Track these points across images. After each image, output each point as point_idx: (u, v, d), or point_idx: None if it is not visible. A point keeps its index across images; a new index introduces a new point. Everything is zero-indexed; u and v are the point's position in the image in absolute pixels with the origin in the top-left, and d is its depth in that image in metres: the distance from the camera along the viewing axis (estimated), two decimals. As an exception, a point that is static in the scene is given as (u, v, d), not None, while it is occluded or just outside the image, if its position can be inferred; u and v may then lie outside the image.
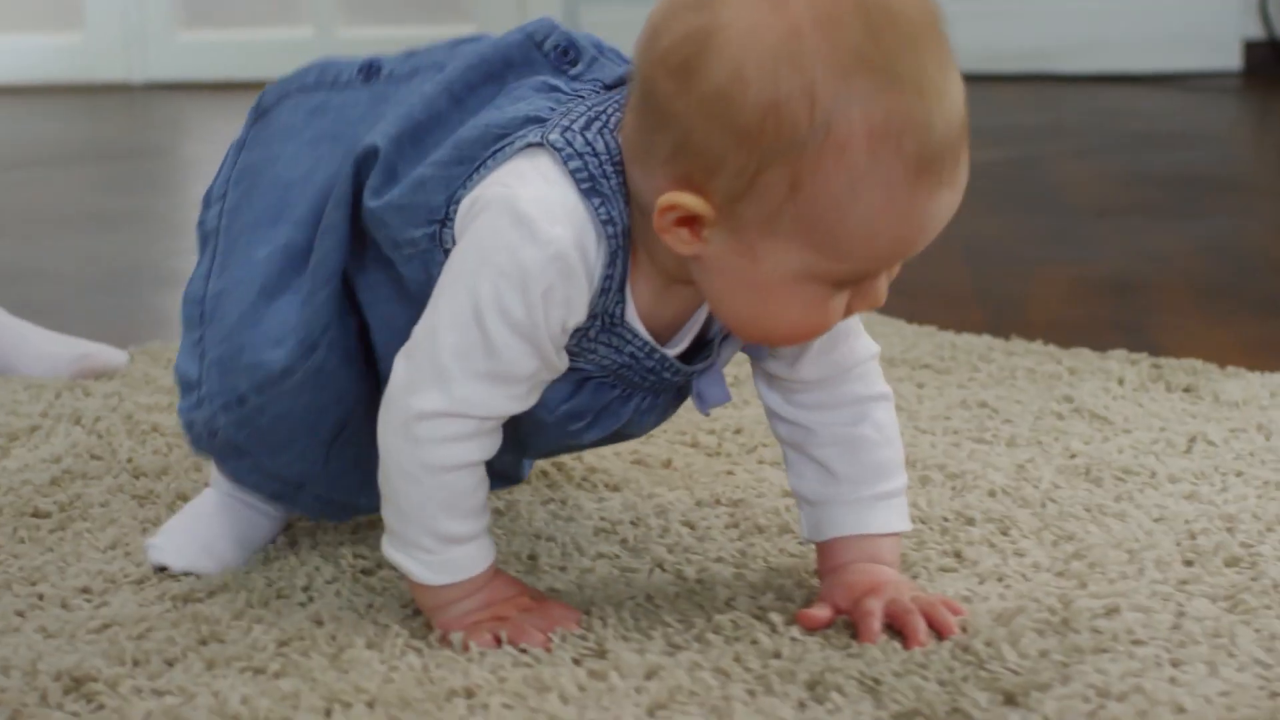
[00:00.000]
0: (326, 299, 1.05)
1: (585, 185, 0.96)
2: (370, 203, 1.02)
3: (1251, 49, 4.38)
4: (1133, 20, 4.26)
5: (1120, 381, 1.56)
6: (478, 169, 0.99)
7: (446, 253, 0.99)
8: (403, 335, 1.01)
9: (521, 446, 1.09)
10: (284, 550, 1.20)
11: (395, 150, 1.02)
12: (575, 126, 0.98)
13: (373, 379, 1.09)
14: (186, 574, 1.15)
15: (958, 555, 1.16)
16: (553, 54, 1.04)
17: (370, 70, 1.10)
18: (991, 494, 1.27)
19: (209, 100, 4.82)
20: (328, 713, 0.95)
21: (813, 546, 1.11)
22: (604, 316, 1.00)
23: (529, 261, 0.94)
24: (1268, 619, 1.04)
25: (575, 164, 0.96)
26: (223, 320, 1.07)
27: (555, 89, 1.02)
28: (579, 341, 1.01)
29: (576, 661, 1.00)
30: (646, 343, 1.01)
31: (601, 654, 1.01)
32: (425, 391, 0.97)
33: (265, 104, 1.13)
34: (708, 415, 1.09)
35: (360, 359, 1.09)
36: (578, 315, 0.98)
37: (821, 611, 1.03)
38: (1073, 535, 1.19)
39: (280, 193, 1.08)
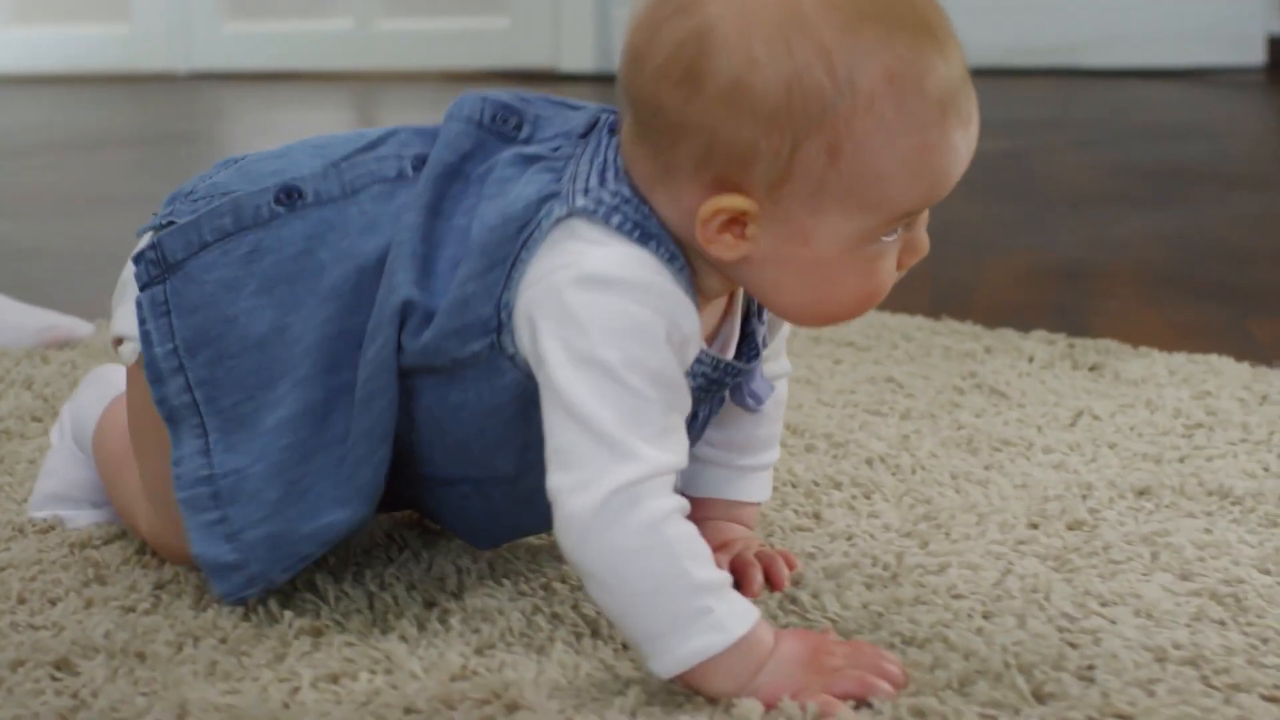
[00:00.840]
0: (384, 456, 1.01)
1: (636, 234, 0.95)
2: (414, 345, 0.99)
3: (1275, 44, 4.39)
4: (1157, 16, 4.28)
5: (1030, 359, 1.61)
6: (514, 265, 0.96)
7: (510, 358, 0.98)
8: (463, 444, 1.02)
9: None
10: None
11: (422, 293, 0.99)
12: (593, 184, 0.97)
13: None
14: (67, 523, 1.23)
15: (816, 516, 1.21)
16: (496, 128, 1.02)
17: (290, 195, 1.04)
18: (868, 462, 1.33)
19: (251, 89, 4.93)
20: (180, 647, 1.02)
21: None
22: None
23: (638, 313, 0.93)
24: (1089, 577, 1.09)
25: (616, 219, 0.95)
26: (256, 498, 1.02)
27: (536, 158, 1.00)
28: None
29: (428, 604, 1.07)
30: (716, 359, 1.02)
31: (457, 596, 1.08)
32: (608, 472, 0.91)
33: (174, 257, 1.05)
34: (759, 411, 1.10)
35: None
36: (695, 348, 0.98)
37: None
38: (930, 500, 1.24)
39: (258, 354, 1.03)
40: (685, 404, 0.96)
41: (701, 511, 1.12)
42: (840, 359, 1.64)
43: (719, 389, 1.04)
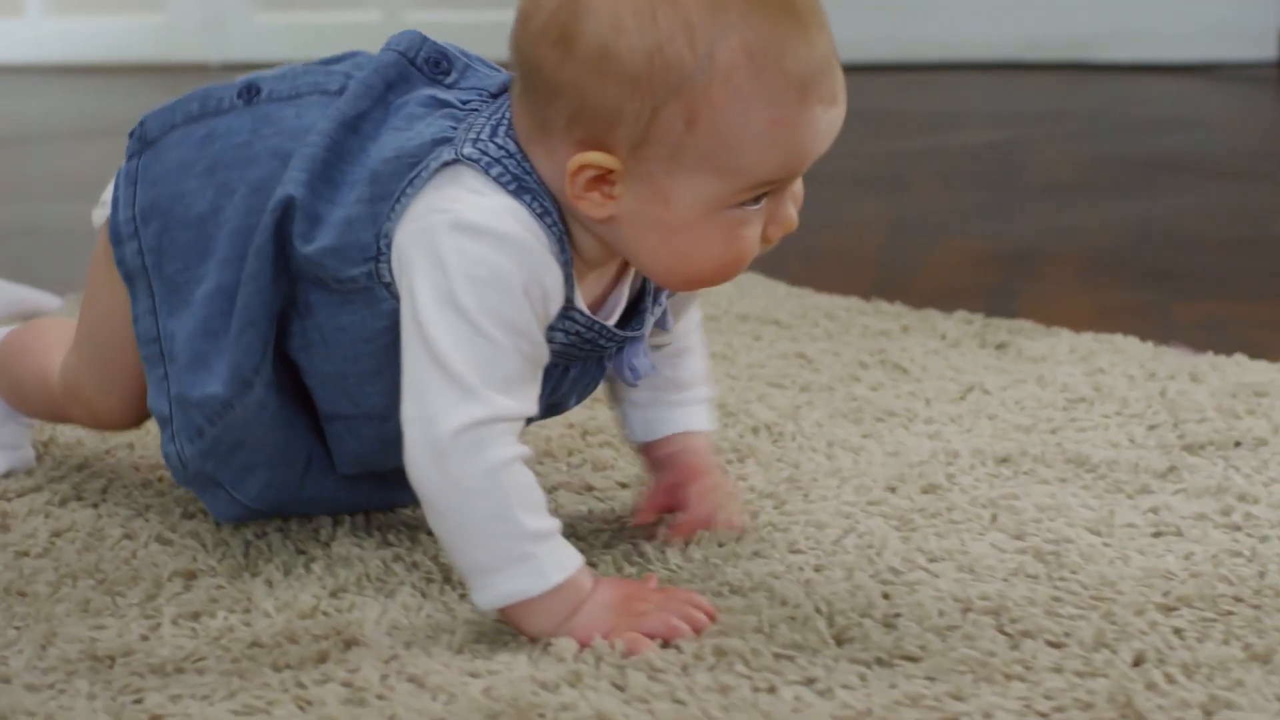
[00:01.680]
0: (252, 340, 1.07)
1: (512, 186, 1.00)
2: (303, 249, 1.05)
3: (1289, 40, 4.40)
4: (1169, 11, 4.29)
5: (942, 337, 1.66)
6: (399, 199, 1.02)
7: (386, 286, 1.03)
8: (342, 374, 1.08)
9: None
10: (100, 457, 1.34)
11: (311, 195, 1.05)
12: (483, 136, 1.02)
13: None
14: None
15: (689, 478, 1.27)
16: (426, 67, 1.08)
17: (250, 91, 1.11)
18: (754, 430, 1.39)
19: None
20: (58, 586, 1.09)
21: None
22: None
23: (502, 265, 0.98)
24: (925, 536, 1.15)
25: (496, 170, 1.01)
26: (179, 358, 1.10)
27: (445, 104, 1.06)
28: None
29: (299, 552, 1.14)
30: (594, 320, 1.06)
31: (326, 545, 1.15)
32: (454, 409, 0.97)
33: (150, 135, 1.14)
34: (635, 385, 1.15)
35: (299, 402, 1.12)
36: (557, 303, 1.02)
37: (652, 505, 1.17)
38: (799, 464, 1.30)
39: (196, 230, 1.10)
40: (540, 356, 1.02)
41: (661, 449, 1.19)
42: (760, 335, 1.70)
43: (593, 350, 1.09)
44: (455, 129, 1.03)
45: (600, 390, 1.18)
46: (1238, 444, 1.32)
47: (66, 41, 5.48)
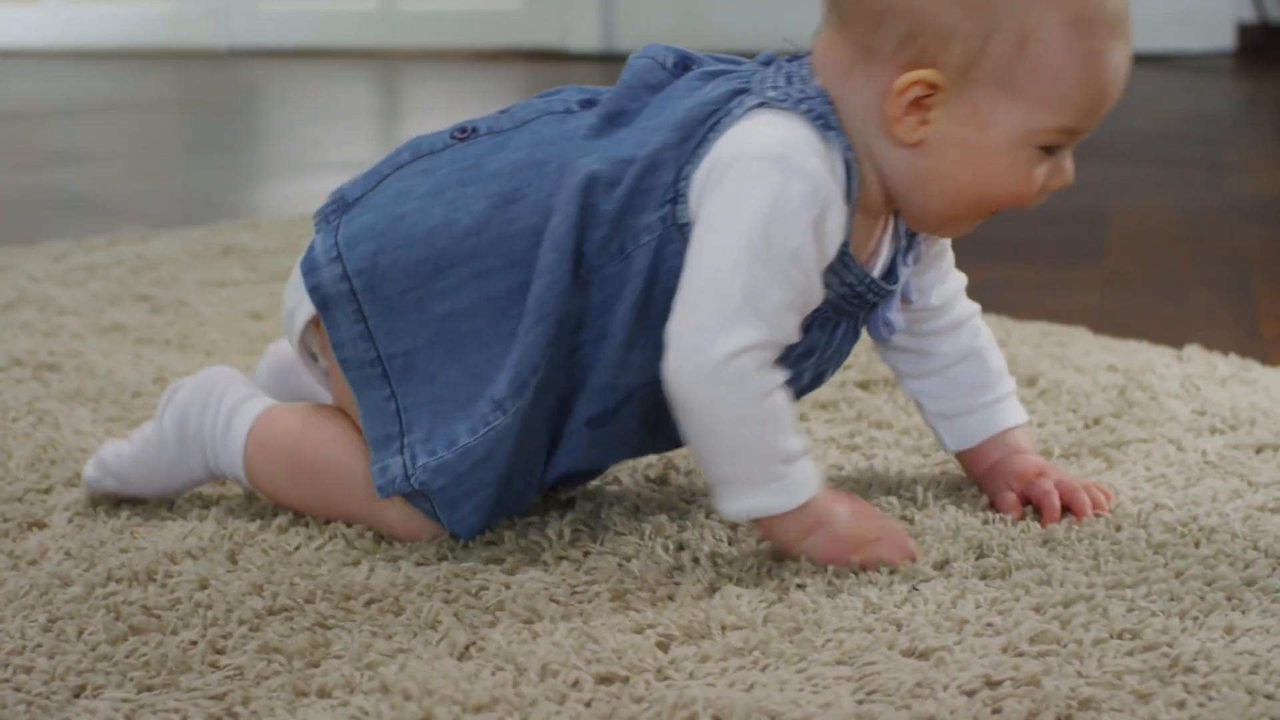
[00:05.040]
0: (538, 338, 1.03)
1: (819, 123, 1.02)
2: (606, 207, 1.03)
3: (1245, 31, 4.61)
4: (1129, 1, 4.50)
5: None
6: (700, 144, 1.02)
7: (679, 228, 1.02)
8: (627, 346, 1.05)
9: None
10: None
11: (607, 164, 1.04)
12: (780, 84, 1.03)
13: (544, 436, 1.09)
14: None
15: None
16: (675, 70, 1.09)
17: (465, 132, 1.09)
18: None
19: (284, 64, 5.24)
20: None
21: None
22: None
23: (795, 195, 0.99)
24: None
25: (804, 106, 1.02)
26: (430, 377, 1.05)
27: (720, 73, 1.06)
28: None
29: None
30: (864, 273, 1.06)
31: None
32: (730, 331, 0.98)
33: (351, 196, 1.10)
34: (889, 341, 1.15)
35: (547, 411, 1.07)
36: (835, 243, 1.03)
37: (1011, 499, 1.14)
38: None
39: (424, 246, 1.05)
40: (811, 296, 1.03)
41: (989, 456, 1.18)
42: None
43: (860, 306, 1.09)
44: (746, 84, 1.05)
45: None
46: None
47: (82, 28, 5.73)
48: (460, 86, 4.65)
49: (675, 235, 1.02)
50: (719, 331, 0.99)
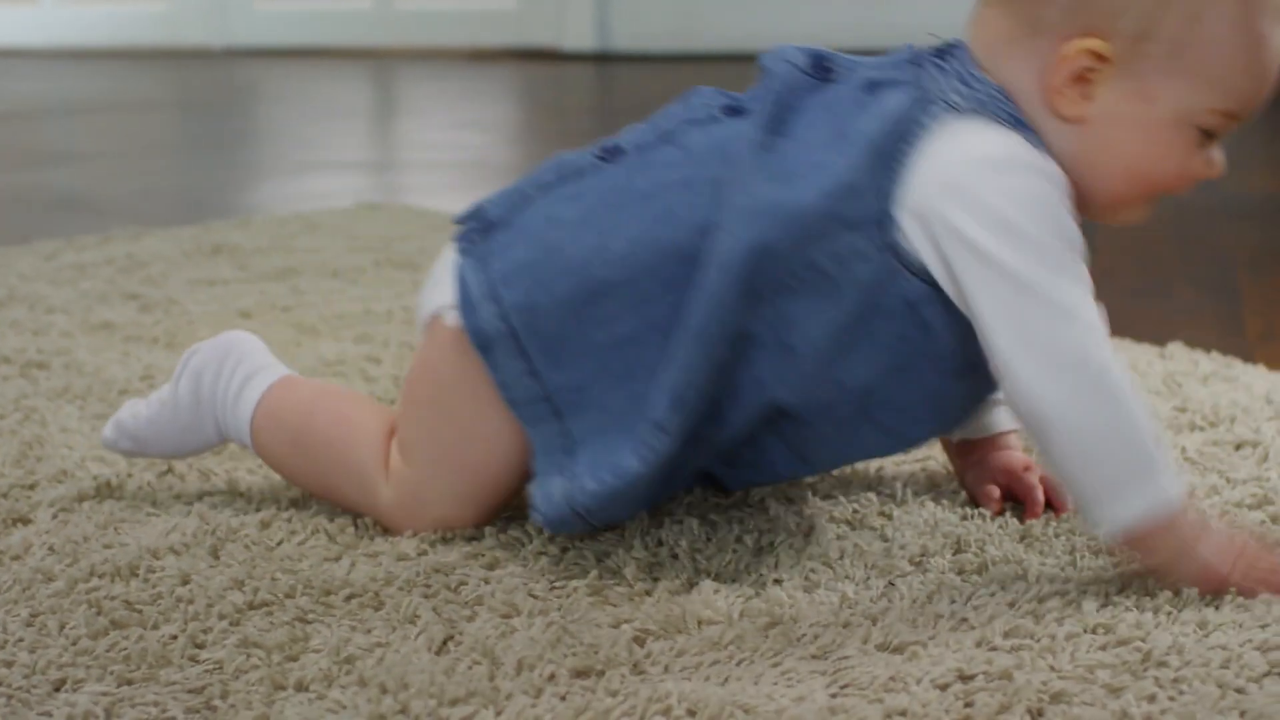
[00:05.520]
0: (699, 359, 0.99)
1: (1010, 123, 1.00)
2: (789, 229, 0.99)
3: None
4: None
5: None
6: (903, 164, 0.98)
7: (893, 251, 0.99)
8: (828, 361, 1.01)
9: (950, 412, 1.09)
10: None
11: (785, 188, 1.00)
12: (959, 88, 1.00)
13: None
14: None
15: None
16: (815, 72, 1.05)
17: (610, 151, 1.07)
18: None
19: (280, 64, 5.25)
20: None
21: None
22: None
23: (1045, 189, 0.98)
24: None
25: (993, 109, 1.00)
26: (601, 407, 1.03)
27: (880, 83, 1.02)
28: None
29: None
30: None
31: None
32: (1081, 340, 0.96)
33: (493, 216, 1.07)
34: None
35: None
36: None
37: (995, 493, 1.15)
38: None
39: (580, 275, 1.03)
40: (1087, 276, 1.00)
41: (981, 449, 1.18)
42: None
43: None
44: (923, 91, 1.01)
45: None
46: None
47: (78, 27, 5.75)
48: (455, 86, 4.67)
49: (891, 259, 0.99)
50: (1073, 341, 0.96)
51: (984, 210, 0.96)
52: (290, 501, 1.17)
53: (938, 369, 1.02)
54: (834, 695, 0.87)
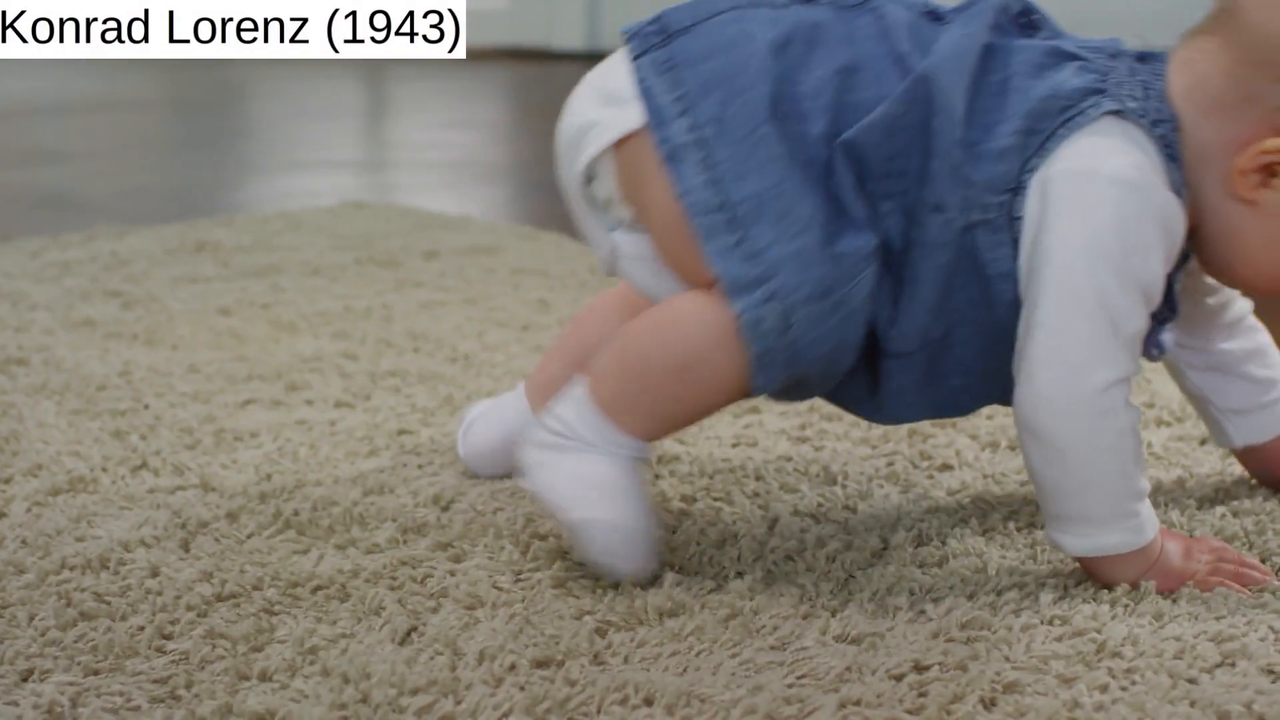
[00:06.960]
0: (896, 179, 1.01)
1: (1168, 151, 1.00)
2: (973, 174, 1.00)
3: (1226, 30, 4.63)
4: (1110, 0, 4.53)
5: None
6: (1050, 137, 0.99)
7: (1011, 219, 1.00)
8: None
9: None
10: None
11: (969, 130, 1.00)
12: (1139, 94, 1.00)
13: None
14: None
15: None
16: (1018, 19, 1.06)
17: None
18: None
19: (271, 63, 5.26)
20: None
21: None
22: None
23: (1153, 227, 0.98)
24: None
25: (1160, 130, 1.00)
26: (783, 217, 1.00)
27: (1073, 56, 1.02)
28: None
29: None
30: (1174, 299, 1.05)
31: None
32: (1103, 365, 0.97)
33: (675, 26, 1.06)
34: (1158, 360, 1.09)
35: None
36: (1167, 270, 1.01)
37: None
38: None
39: (756, 103, 1.01)
40: (1146, 324, 1.00)
41: (1269, 449, 1.19)
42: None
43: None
44: (1104, 82, 1.01)
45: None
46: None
47: (68, 25, 5.74)
48: (445, 85, 4.68)
49: (1004, 225, 1.00)
50: (1097, 363, 0.97)
51: (1086, 211, 0.97)
52: (261, 496, 1.18)
53: (993, 349, 1.03)
54: (790, 685, 0.88)
